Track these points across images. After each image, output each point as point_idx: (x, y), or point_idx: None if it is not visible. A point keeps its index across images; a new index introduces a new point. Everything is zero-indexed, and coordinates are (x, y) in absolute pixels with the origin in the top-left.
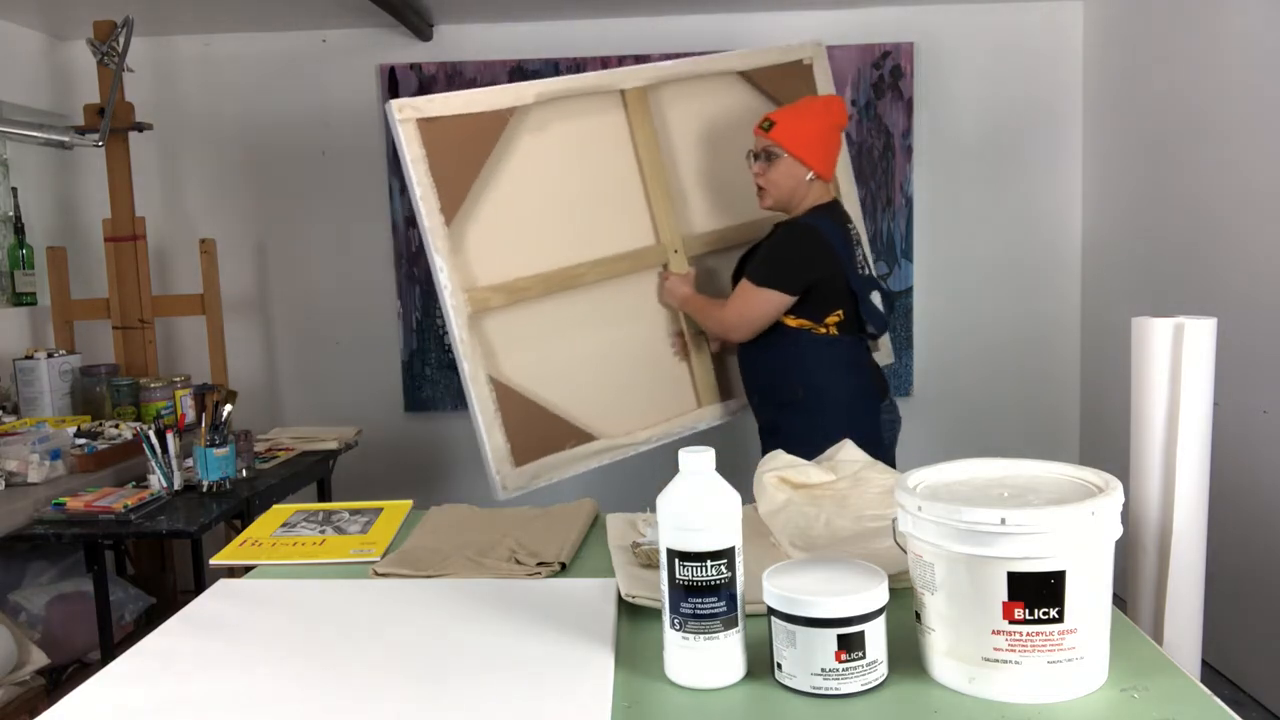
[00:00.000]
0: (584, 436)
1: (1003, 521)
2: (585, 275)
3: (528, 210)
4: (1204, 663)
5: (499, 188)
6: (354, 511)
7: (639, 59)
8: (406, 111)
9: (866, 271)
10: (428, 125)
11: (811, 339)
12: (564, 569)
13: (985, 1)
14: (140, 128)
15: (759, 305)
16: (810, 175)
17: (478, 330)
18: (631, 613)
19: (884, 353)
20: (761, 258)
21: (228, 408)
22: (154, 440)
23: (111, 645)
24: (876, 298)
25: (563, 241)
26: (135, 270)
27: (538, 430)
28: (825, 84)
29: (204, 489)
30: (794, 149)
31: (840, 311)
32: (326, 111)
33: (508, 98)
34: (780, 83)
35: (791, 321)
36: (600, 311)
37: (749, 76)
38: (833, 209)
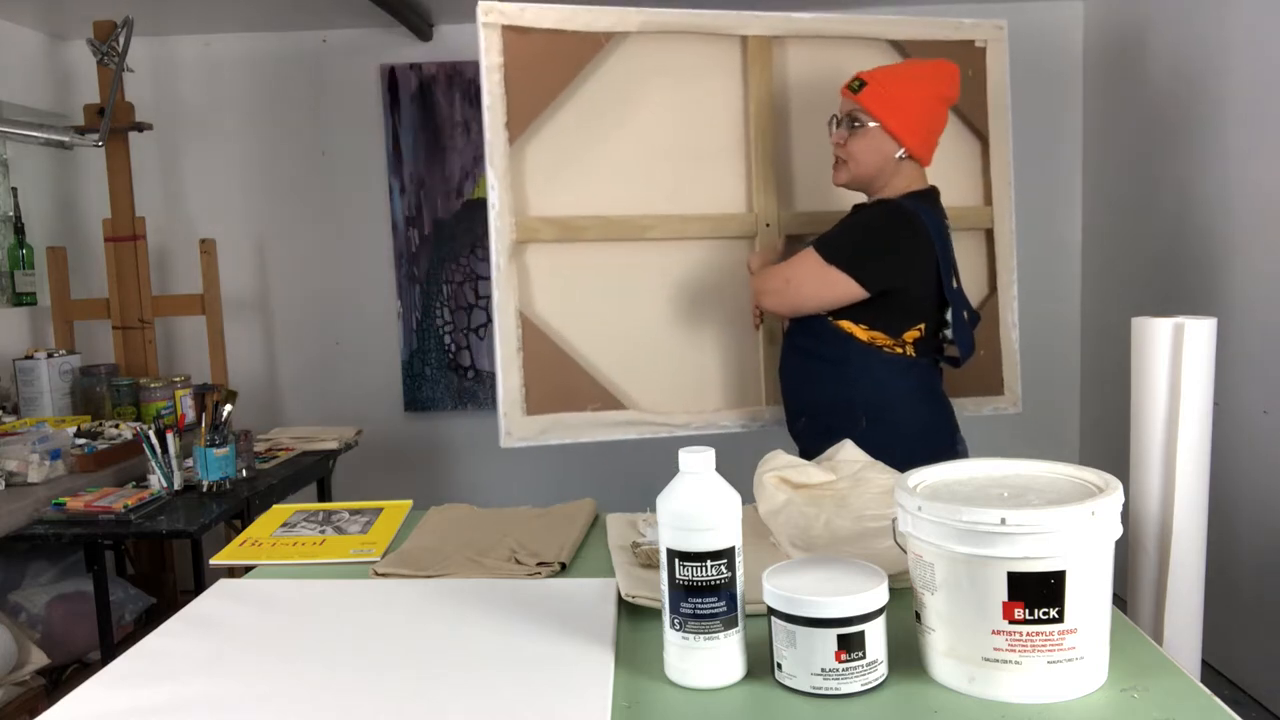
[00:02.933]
0: (611, 403)
1: (1003, 521)
2: (653, 229)
3: (604, 146)
4: (1204, 663)
5: (577, 115)
6: (354, 511)
7: None
8: (493, 15)
9: (955, 284)
10: (513, 34)
11: (884, 360)
12: (564, 569)
13: (985, 1)
14: (140, 128)
15: (816, 283)
16: (902, 153)
17: (518, 260)
18: (631, 613)
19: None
20: (839, 231)
21: (228, 408)
22: (154, 440)
23: (111, 645)
24: (965, 317)
25: (635, 187)
26: (135, 270)
27: (559, 382)
28: (999, 76)
29: (204, 489)
30: (885, 118)
31: (922, 326)
32: (326, 111)
33: (608, 20)
34: None
35: (862, 334)
36: (663, 272)
37: (903, 48)
38: (932, 198)
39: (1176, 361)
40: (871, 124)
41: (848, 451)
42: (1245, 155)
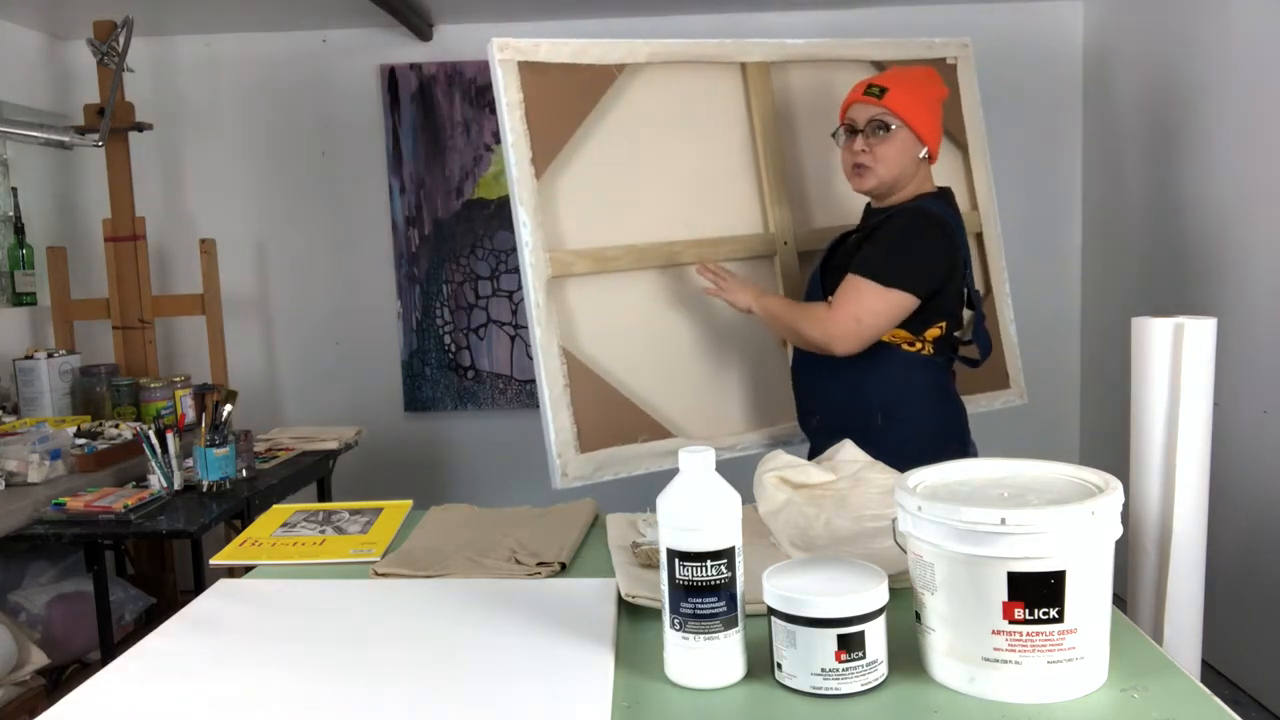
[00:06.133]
0: (660, 432)
1: (1003, 521)
2: (682, 254)
3: (626, 175)
4: (1204, 663)
5: (597, 147)
6: (354, 511)
7: None
8: (508, 52)
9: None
10: (530, 69)
11: (902, 357)
12: (564, 569)
13: (985, 1)
14: (140, 128)
15: (885, 310)
16: (924, 153)
17: (556, 296)
18: (631, 613)
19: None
20: (881, 249)
21: (228, 408)
22: (154, 440)
23: (111, 645)
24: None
25: (661, 214)
26: (135, 270)
27: (609, 416)
28: (971, 89)
29: (204, 489)
30: (912, 119)
31: (943, 324)
32: (326, 111)
33: (618, 53)
34: None
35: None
36: (696, 296)
37: (882, 67)
38: (949, 198)
39: (1176, 361)
40: (900, 127)
41: (848, 451)
42: (1245, 155)
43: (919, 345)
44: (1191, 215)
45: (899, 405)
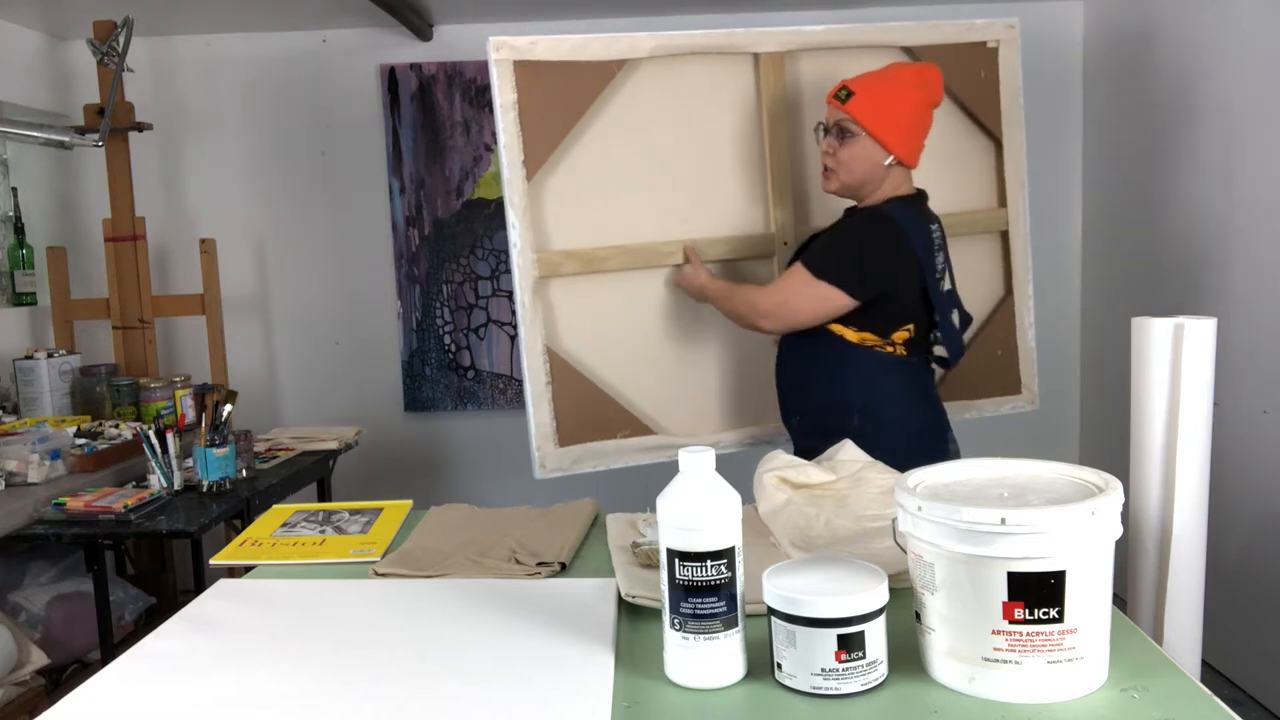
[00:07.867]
0: (640, 428)
1: (1003, 521)
2: (673, 254)
3: (622, 175)
4: (1204, 663)
5: (593, 146)
6: (354, 511)
7: None
8: (504, 51)
9: (947, 286)
10: (526, 69)
11: (876, 359)
12: (564, 569)
13: (986, 1)
14: (140, 128)
15: (809, 299)
16: (890, 160)
17: (543, 296)
18: (631, 613)
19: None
20: (826, 244)
21: (228, 408)
22: (154, 440)
23: (111, 645)
24: (955, 318)
25: (657, 212)
26: (135, 270)
27: (590, 412)
28: (1012, 76)
29: (204, 489)
30: (873, 127)
31: (911, 326)
32: (326, 111)
33: (619, 49)
34: (955, 67)
35: (853, 336)
36: (680, 297)
37: (914, 54)
38: (917, 202)
39: (1176, 361)
40: (860, 133)
41: (848, 451)
42: (1245, 155)
43: (891, 348)
44: (1191, 215)
45: (875, 406)
